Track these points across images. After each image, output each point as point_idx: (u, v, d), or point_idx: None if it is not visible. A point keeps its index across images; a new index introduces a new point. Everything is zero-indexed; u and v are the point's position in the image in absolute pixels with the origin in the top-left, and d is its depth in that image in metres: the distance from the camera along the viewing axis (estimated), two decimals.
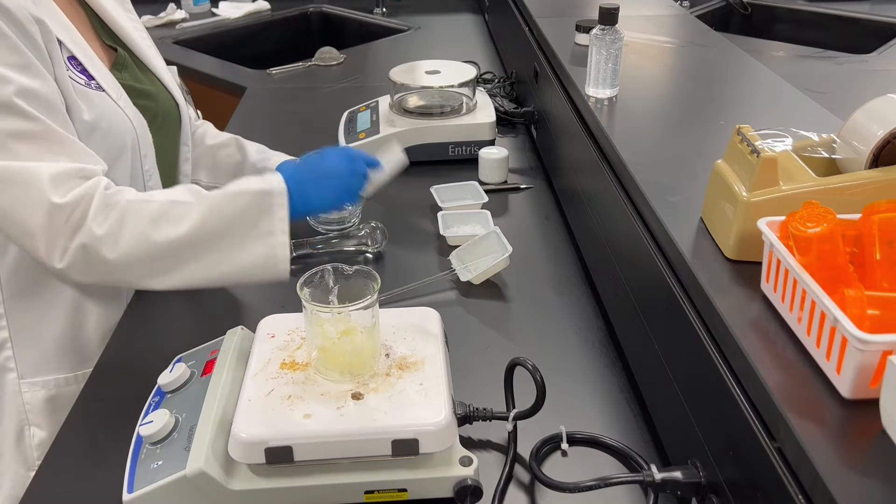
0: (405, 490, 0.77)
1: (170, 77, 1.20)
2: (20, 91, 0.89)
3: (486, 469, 0.82)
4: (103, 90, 1.02)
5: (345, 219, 1.29)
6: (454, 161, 1.54)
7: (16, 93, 0.88)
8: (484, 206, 1.34)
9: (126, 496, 0.75)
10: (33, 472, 1.09)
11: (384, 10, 2.62)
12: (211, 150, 1.29)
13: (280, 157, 1.33)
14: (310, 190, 1.03)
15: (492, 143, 1.54)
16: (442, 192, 1.38)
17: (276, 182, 0.98)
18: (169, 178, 1.17)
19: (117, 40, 1.13)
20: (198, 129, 1.32)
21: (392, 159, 1.17)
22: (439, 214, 1.30)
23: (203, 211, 0.94)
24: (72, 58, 0.99)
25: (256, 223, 0.96)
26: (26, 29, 0.90)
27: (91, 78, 1.01)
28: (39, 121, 0.90)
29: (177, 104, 1.19)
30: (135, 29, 1.16)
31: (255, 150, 1.33)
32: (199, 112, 1.38)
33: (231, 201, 0.96)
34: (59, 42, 0.97)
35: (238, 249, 0.95)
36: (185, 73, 2.07)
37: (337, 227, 1.29)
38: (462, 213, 1.31)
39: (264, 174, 1.02)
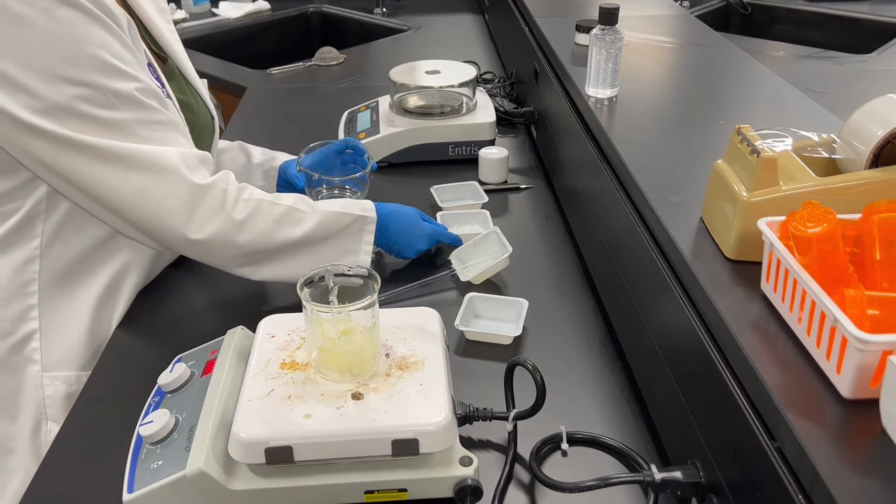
0: (405, 490, 0.77)
1: (205, 90, 1.22)
2: (141, 87, 0.95)
3: (486, 469, 0.82)
4: (171, 98, 1.05)
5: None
6: (454, 161, 1.54)
7: (137, 89, 0.95)
8: (484, 206, 1.34)
9: (126, 496, 0.75)
10: None
11: (384, 10, 2.62)
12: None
13: (284, 157, 1.36)
14: (392, 231, 1.15)
15: (492, 143, 1.54)
16: (442, 192, 1.38)
17: (371, 212, 1.12)
18: None
19: (161, 49, 1.14)
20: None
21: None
22: (438, 214, 1.30)
23: (316, 221, 1.06)
24: (150, 65, 1.02)
25: (350, 241, 1.10)
26: (126, 31, 0.95)
27: (163, 85, 1.04)
28: (159, 111, 0.97)
29: (212, 118, 1.20)
30: (174, 40, 1.17)
31: (260, 153, 1.36)
32: (223, 124, 1.40)
33: (339, 219, 1.09)
34: (144, 51, 1.00)
35: (328, 259, 1.07)
36: None
37: None
38: (462, 213, 1.31)
39: (359, 202, 1.13)
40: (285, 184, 1.34)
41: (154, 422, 0.79)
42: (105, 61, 0.91)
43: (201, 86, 1.21)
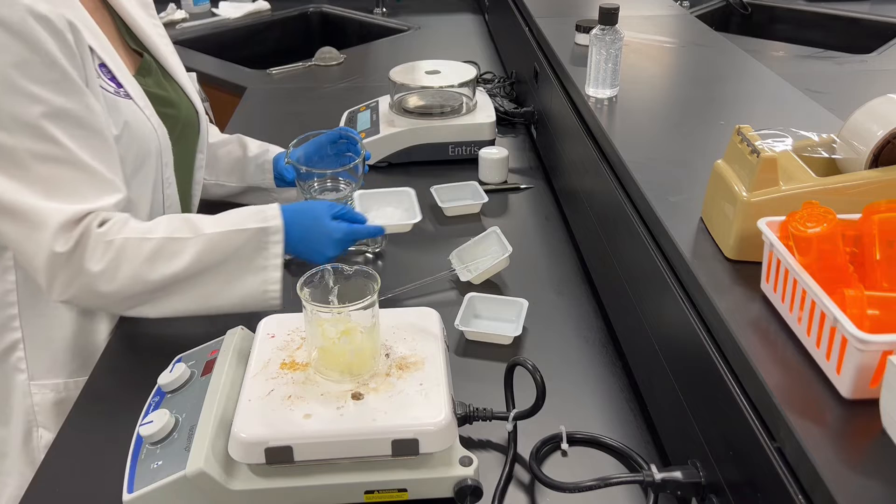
0: (405, 490, 0.77)
1: (190, 84, 1.20)
2: (49, 112, 0.90)
3: (486, 469, 0.82)
4: (130, 98, 1.02)
5: (341, 200, 1.22)
6: (454, 161, 1.54)
7: (44, 114, 0.89)
8: (484, 206, 1.35)
9: (126, 496, 0.75)
10: None
11: (384, 10, 2.62)
12: (211, 147, 1.30)
13: (278, 150, 1.35)
14: (293, 239, 1.02)
15: (492, 143, 1.54)
16: (442, 192, 1.38)
17: (274, 220, 1.00)
18: (184, 184, 1.18)
19: (141, 45, 1.12)
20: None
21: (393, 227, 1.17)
22: (357, 195, 1.23)
23: (199, 248, 0.96)
24: (102, 65, 1.00)
25: (251, 259, 0.99)
26: (64, 37, 0.91)
27: (120, 85, 1.02)
28: (63, 146, 0.91)
29: (197, 112, 1.19)
30: (158, 35, 1.16)
31: (256, 146, 1.35)
32: (212, 116, 1.39)
33: (228, 238, 0.97)
34: (91, 49, 0.97)
35: (231, 284, 0.98)
36: None
37: None
38: (385, 193, 1.26)
39: (262, 208, 1.02)
40: (279, 177, 1.32)
41: (154, 422, 0.79)
42: (12, 82, 0.87)
43: (187, 81, 1.19)
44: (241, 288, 0.99)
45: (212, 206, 1.24)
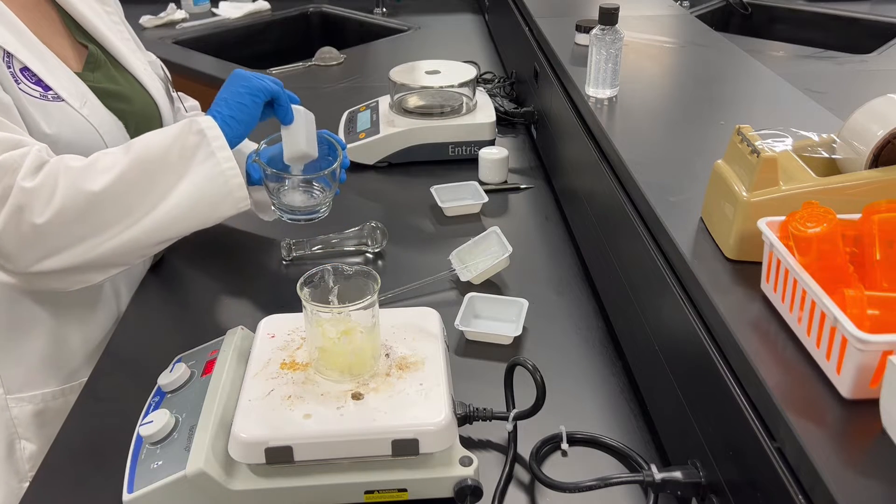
0: (405, 490, 0.77)
1: (148, 74, 1.17)
2: None
3: (486, 469, 0.82)
4: (62, 100, 1.00)
5: (314, 207, 1.16)
6: (454, 161, 1.54)
7: None
8: (484, 206, 1.34)
9: (126, 496, 0.75)
10: (26, 484, 1.09)
11: (384, 10, 2.62)
12: None
13: (254, 146, 1.26)
14: (229, 104, 1.02)
15: (492, 143, 1.54)
16: (442, 192, 1.38)
17: (200, 115, 0.99)
18: None
19: (91, 38, 1.10)
20: (185, 118, 1.30)
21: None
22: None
23: (135, 150, 0.93)
24: (25, 69, 0.97)
25: (195, 147, 0.95)
26: None
27: (48, 88, 0.99)
28: None
29: (155, 104, 1.16)
30: (112, 23, 1.14)
31: None
32: (182, 103, 1.33)
33: (163, 132, 0.96)
34: (10, 55, 0.95)
35: (180, 177, 0.94)
36: (186, 73, 2.07)
37: (305, 217, 1.16)
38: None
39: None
40: (249, 174, 1.19)
41: (154, 422, 0.79)
42: None
43: (143, 71, 1.15)
44: (192, 179, 0.94)
45: None
